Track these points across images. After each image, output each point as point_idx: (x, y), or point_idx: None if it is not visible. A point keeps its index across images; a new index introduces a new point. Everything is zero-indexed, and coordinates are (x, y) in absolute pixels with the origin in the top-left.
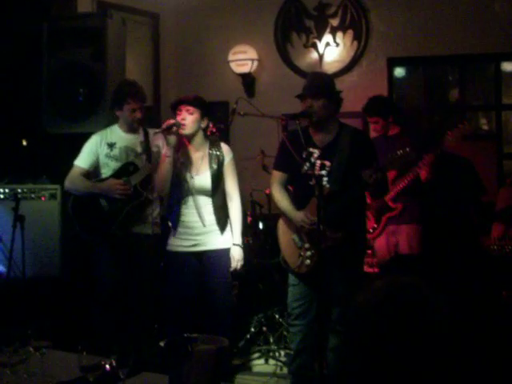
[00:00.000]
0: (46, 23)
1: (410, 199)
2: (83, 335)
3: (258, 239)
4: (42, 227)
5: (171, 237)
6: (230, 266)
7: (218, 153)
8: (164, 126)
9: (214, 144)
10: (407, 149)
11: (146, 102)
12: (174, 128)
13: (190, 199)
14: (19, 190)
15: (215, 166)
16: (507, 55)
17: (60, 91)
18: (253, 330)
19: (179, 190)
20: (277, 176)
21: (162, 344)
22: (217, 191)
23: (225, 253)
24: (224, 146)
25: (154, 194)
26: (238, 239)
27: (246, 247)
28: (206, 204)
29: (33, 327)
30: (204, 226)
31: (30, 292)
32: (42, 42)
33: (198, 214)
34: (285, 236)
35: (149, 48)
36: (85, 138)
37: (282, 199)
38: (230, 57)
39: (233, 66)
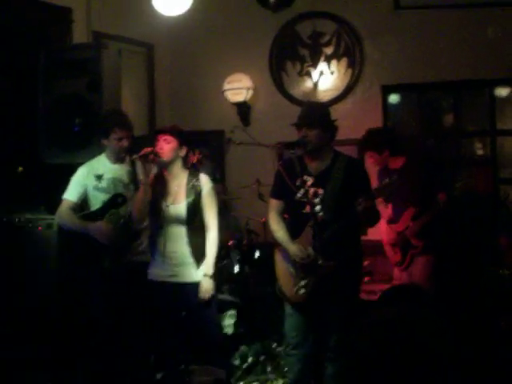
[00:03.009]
0: (42, 54)
1: (431, 235)
2: (79, 366)
3: (254, 268)
4: (38, 257)
5: (151, 266)
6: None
7: (196, 183)
8: (141, 153)
9: (192, 174)
10: (394, 176)
11: (133, 131)
12: (151, 156)
13: (167, 229)
14: (16, 221)
15: (192, 196)
16: (501, 81)
17: (56, 121)
18: (250, 359)
19: (156, 219)
20: (273, 204)
21: (159, 376)
22: (192, 222)
23: None
24: (203, 177)
25: (143, 224)
26: (210, 270)
27: (243, 276)
28: (181, 234)
29: (29, 359)
30: (179, 257)
31: (27, 323)
32: (38, 73)
33: (173, 245)
34: (281, 265)
35: (144, 77)
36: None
37: (278, 230)
38: (225, 86)
39: (228, 94)
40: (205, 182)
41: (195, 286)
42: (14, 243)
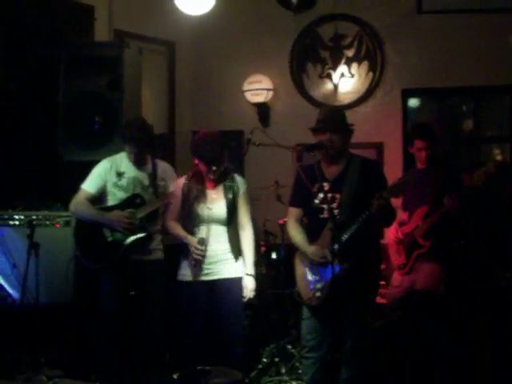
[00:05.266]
0: (64, 51)
1: (440, 237)
2: (96, 364)
3: (271, 269)
4: (56, 254)
5: (182, 266)
6: (242, 296)
7: (232, 184)
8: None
9: (228, 175)
10: (407, 176)
11: (144, 145)
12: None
13: (205, 229)
14: (34, 217)
15: (230, 196)
16: None
17: (76, 119)
18: (265, 360)
19: (193, 222)
20: (292, 212)
21: (175, 376)
22: (231, 220)
23: (237, 281)
24: (238, 178)
25: (157, 226)
26: (251, 269)
27: (260, 277)
28: (221, 233)
29: (46, 355)
30: (218, 254)
31: (43, 319)
32: (59, 70)
33: (214, 244)
34: (299, 268)
35: (164, 76)
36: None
37: (296, 235)
38: (245, 86)
39: (248, 95)
40: (241, 182)
41: (231, 281)
42: (32, 240)
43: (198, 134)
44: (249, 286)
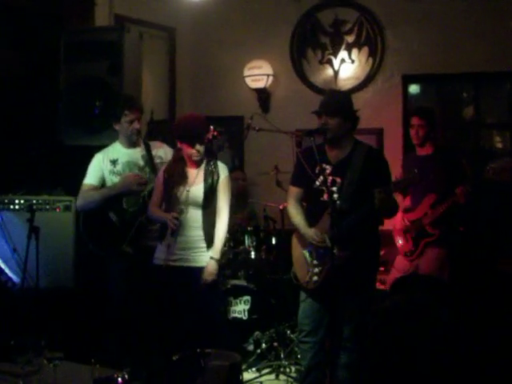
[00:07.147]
0: (64, 36)
1: (448, 225)
2: (96, 347)
3: (270, 254)
4: (56, 238)
5: (158, 250)
6: (214, 281)
7: (213, 169)
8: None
9: (210, 161)
10: (415, 170)
11: (143, 113)
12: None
13: (183, 212)
14: (34, 202)
15: (210, 181)
16: None
17: (76, 104)
18: (264, 345)
19: (171, 204)
20: (293, 191)
21: (175, 358)
22: (208, 206)
23: None
24: (220, 164)
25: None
26: (217, 254)
27: (260, 262)
28: (197, 218)
29: (46, 338)
30: (190, 241)
31: (44, 303)
32: (60, 55)
33: (187, 229)
34: (297, 250)
35: (165, 62)
36: (100, 150)
37: (296, 215)
38: (246, 72)
39: (248, 80)
40: (222, 169)
41: (202, 270)
42: (32, 224)
43: (180, 117)
44: (208, 269)
